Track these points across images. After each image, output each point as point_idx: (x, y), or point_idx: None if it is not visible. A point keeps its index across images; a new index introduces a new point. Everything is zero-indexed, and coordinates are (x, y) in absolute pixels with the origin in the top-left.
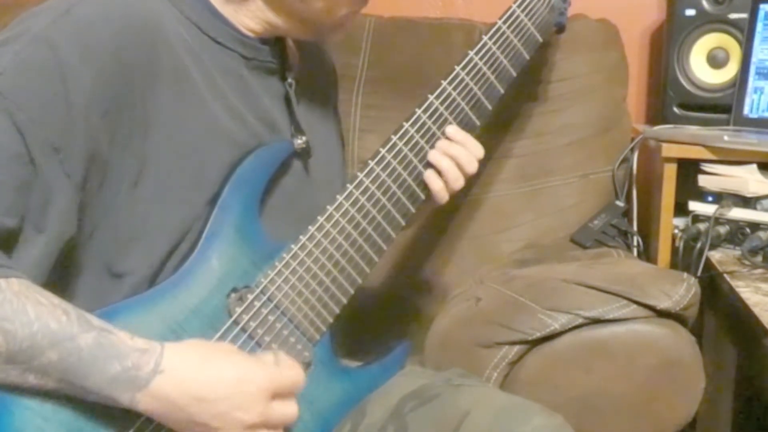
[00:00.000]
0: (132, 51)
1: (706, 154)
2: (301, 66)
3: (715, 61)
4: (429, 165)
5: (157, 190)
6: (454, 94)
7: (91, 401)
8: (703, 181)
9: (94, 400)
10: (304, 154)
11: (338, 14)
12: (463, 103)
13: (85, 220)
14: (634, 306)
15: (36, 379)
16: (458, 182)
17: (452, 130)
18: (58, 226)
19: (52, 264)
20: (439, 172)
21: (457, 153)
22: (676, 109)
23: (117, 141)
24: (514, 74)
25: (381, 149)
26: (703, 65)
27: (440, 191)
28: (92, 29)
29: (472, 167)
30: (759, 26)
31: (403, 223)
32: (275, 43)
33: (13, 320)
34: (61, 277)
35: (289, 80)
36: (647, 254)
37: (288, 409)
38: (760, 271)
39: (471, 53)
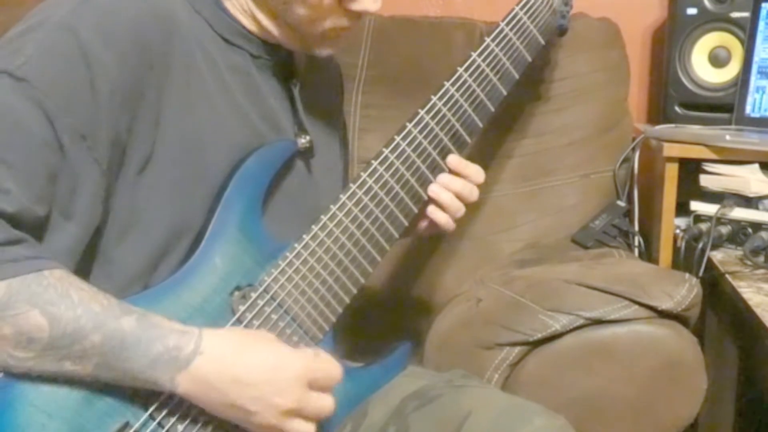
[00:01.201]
0: (150, 39)
1: (707, 154)
2: (308, 68)
3: (717, 60)
4: (430, 199)
5: (158, 179)
6: (456, 95)
7: (128, 384)
8: (704, 180)
9: (130, 384)
10: (307, 153)
11: (322, 26)
12: (465, 105)
13: (106, 207)
14: (636, 307)
15: (72, 365)
16: (460, 212)
17: (453, 159)
18: (87, 213)
19: (83, 251)
20: (441, 206)
21: (458, 188)
22: (677, 109)
23: (134, 128)
24: (517, 76)
25: (384, 149)
26: (705, 64)
27: (446, 223)
28: (112, 16)
29: (474, 196)
30: (761, 25)
31: (405, 223)
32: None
33: (58, 304)
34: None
35: (295, 80)
36: (649, 254)
37: (324, 402)
38: (762, 271)
39: (474, 55)
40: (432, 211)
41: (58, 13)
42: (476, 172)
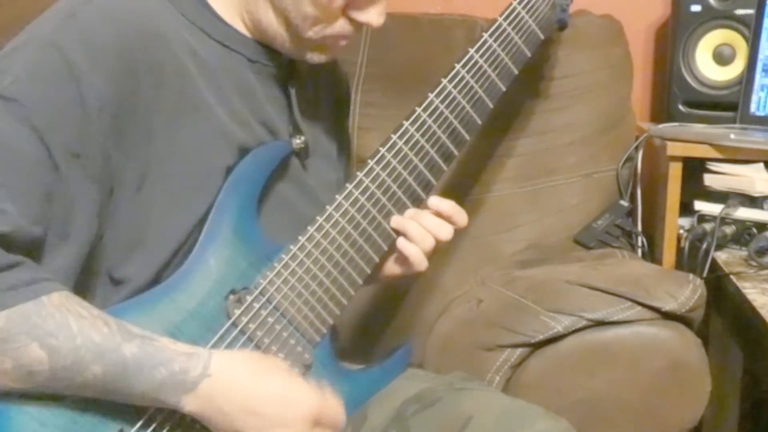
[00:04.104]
0: (136, 53)
1: (712, 153)
2: (309, 74)
3: (721, 57)
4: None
5: (158, 195)
6: (454, 92)
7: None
8: (709, 180)
9: (138, 403)
10: (302, 154)
11: (324, 31)
12: (463, 102)
13: (98, 227)
14: (639, 308)
15: (74, 393)
16: (430, 245)
17: (435, 201)
18: (83, 231)
19: (79, 270)
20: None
21: (427, 222)
22: (681, 107)
23: (123, 144)
24: (515, 72)
25: (381, 148)
26: (709, 62)
27: (417, 256)
28: (97, 32)
29: (444, 233)
30: (766, 22)
31: None
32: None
33: (57, 335)
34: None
35: (292, 81)
36: (652, 255)
37: None
38: (766, 272)
39: (471, 51)
40: (402, 244)
41: (43, 32)
42: (459, 213)
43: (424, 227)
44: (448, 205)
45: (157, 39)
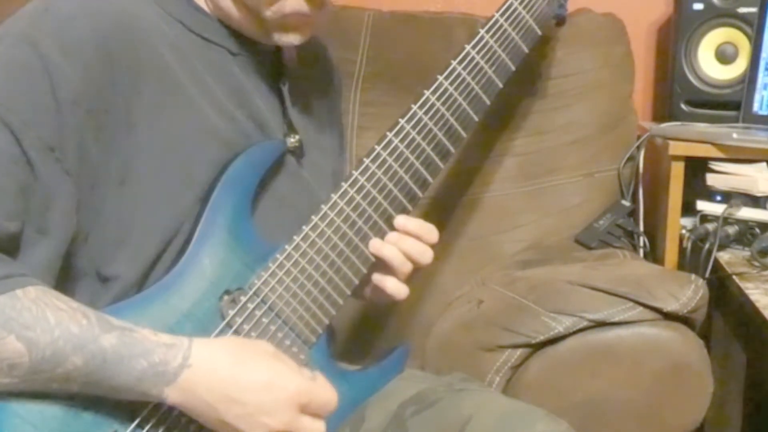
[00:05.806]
0: (112, 46)
1: (714, 152)
2: (299, 66)
3: (724, 56)
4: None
5: (143, 190)
6: (450, 89)
7: (121, 398)
8: (711, 179)
9: (123, 397)
10: (297, 153)
11: (281, 10)
12: (460, 99)
13: (80, 224)
14: (641, 308)
15: (59, 386)
16: (408, 270)
17: (401, 220)
18: (62, 226)
19: (59, 266)
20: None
21: (407, 247)
22: (683, 106)
23: (102, 139)
24: (513, 68)
25: (376, 147)
26: (712, 61)
27: (395, 288)
28: (71, 25)
29: (426, 258)
30: None
31: None
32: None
33: (34, 328)
34: (57, 283)
35: (283, 78)
36: (654, 255)
37: (316, 427)
38: None
39: (468, 47)
40: (377, 278)
41: (17, 26)
42: (428, 231)
43: (404, 252)
44: (415, 224)
45: (135, 31)
